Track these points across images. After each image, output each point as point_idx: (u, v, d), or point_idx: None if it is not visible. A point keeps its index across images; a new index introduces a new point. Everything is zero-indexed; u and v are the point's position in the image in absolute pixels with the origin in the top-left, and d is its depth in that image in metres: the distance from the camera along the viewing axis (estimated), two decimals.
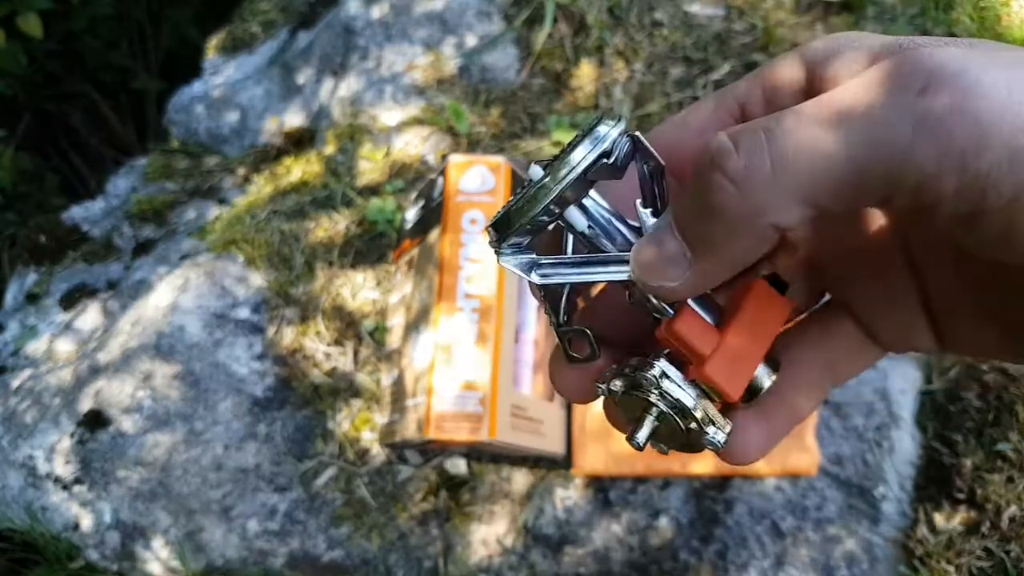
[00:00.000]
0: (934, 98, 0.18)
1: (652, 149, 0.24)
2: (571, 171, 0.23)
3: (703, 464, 0.90)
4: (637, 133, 0.24)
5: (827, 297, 0.28)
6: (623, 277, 0.24)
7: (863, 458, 0.93)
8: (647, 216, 0.24)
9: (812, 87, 0.22)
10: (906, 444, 0.95)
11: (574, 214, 0.24)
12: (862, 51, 0.21)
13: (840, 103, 0.19)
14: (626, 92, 1.18)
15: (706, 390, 0.24)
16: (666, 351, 0.25)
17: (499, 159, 0.84)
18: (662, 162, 0.24)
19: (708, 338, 0.24)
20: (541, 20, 1.23)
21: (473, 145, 1.15)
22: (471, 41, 1.24)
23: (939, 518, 0.91)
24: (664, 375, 0.24)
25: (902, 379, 0.97)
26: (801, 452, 0.90)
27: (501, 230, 0.24)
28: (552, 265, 0.25)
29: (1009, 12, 1.26)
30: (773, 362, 0.25)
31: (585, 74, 1.20)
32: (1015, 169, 0.17)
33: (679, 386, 0.24)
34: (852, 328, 0.27)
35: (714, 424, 0.24)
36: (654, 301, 0.24)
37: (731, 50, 1.21)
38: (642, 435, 0.25)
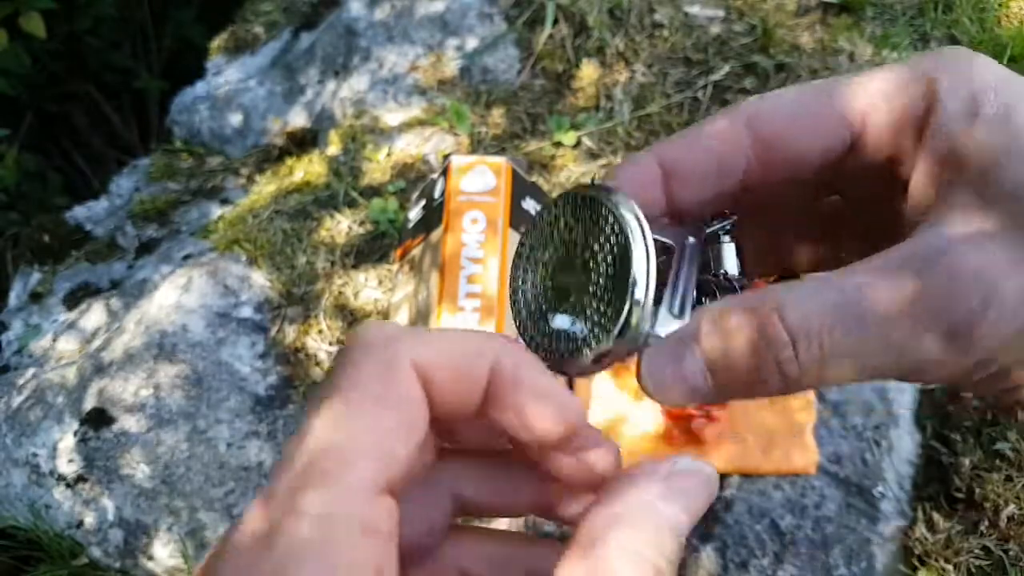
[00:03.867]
0: (958, 314, 0.20)
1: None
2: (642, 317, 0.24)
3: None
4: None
5: None
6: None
7: (862, 457, 0.93)
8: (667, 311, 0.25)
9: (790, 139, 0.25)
10: (905, 443, 0.95)
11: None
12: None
13: (876, 310, 0.21)
14: (626, 93, 1.19)
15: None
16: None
17: (500, 159, 0.85)
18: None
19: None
20: (542, 21, 1.23)
21: (474, 145, 1.16)
22: (472, 42, 1.24)
23: (938, 517, 0.91)
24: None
25: None
26: (800, 451, 0.91)
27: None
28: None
29: (1008, 13, 1.26)
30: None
31: (586, 75, 1.20)
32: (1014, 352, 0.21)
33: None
34: None
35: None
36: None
37: (731, 51, 1.22)
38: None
